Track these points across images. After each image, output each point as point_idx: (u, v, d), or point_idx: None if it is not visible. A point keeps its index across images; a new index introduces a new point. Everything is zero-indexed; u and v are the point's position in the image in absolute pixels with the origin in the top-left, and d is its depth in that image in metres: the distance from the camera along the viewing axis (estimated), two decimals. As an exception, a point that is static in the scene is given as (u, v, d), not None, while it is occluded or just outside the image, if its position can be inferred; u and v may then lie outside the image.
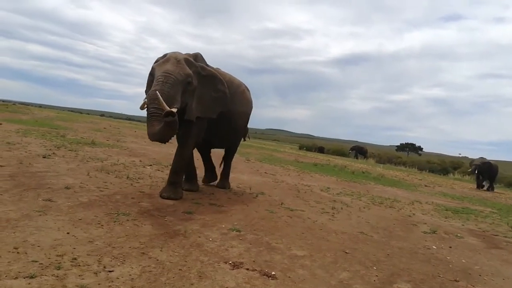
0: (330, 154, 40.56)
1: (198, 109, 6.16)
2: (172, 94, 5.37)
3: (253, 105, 8.09)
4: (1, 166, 6.21)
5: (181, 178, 6.32)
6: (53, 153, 8.46)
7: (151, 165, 9.13)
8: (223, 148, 8.12)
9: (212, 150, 8.14)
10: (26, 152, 8.02)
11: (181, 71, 5.64)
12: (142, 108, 5.49)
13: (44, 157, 7.71)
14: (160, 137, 5.27)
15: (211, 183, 8.07)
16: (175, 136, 5.77)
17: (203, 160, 8.12)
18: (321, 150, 44.20)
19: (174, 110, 5.19)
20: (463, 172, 32.27)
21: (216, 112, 6.51)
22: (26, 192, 4.93)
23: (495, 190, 20.46)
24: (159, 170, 8.57)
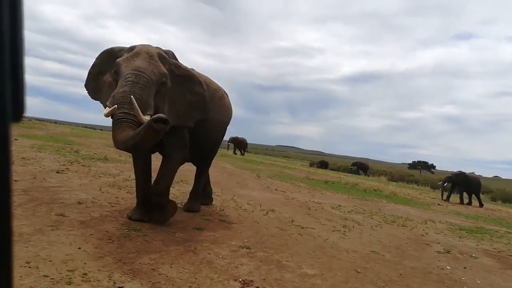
0: (335, 170, 40.32)
1: (171, 116, 4.92)
2: (144, 98, 4.43)
3: (264, 122, 7.83)
4: (15, 180, 6.32)
5: (168, 197, 5.44)
6: (67, 168, 8.57)
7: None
8: (194, 162, 6.90)
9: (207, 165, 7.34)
10: (40, 167, 8.14)
11: (155, 69, 4.67)
12: (107, 115, 4.38)
13: (58, 172, 7.81)
14: (134, 145, 4.21)
15: (206, 204, 7.13)
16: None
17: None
18: (324, 165, 43.89)
19: (147, 118, 4.30)
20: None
21: (194, 119, 5.40)
22: (39, 207, 4.99)
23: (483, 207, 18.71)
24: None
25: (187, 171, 7.05)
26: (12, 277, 0.58)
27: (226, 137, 7.75)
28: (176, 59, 5.47)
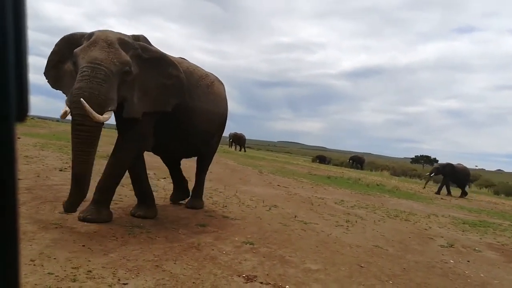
0: (338, 166, 40.60)
1: (145, 103, 4.77)
2: (104, 93, 4.08)
3: (266, 118, 7.58)
4: (19, 179, 6.33)
5: (110, 196, 4.92)
6: (70, 166, 8.59)
7: (165, 178, 9.18)
8: (188, 157, 6.71)
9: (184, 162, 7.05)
10: (43, 165, 8.17)
11: (115, 59, 4.23)
12: (63, 116, 4.15)
13: (61, 170, 7.83)
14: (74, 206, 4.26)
15: (181, 201, 6.75)
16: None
17: (170, 174, 6.96)
18: (322, 159, 44.33)
19: (107, 116, 4.13)
20: (480, 184, 31.62)
21: (171, 103, 5.00)
22: (43, 205, 5.01)
23: (466, 196, 18.50)
24: (172, 183, 8.61)
25: (189, 168, 7.03)
26: (19, 274, 0.59)
27: (225, 133, 7.35)
28: (149, 43, 5.10)
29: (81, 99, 3.88)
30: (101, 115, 4.04)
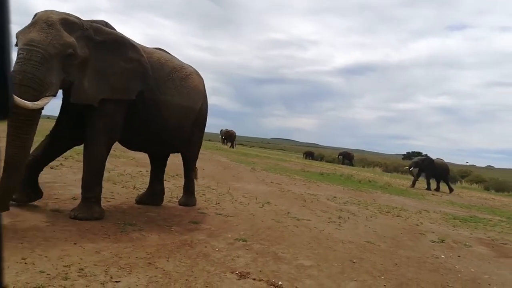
0: (330, 162, 41.38)
1: (102, 89, 4.49)
2: (39, 77, 3.77)
3: (259, 114, 7.30)
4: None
5: (97, 192, 4.75)
6: (61, 164, 8.51)
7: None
8: (163, 153, 6.33)
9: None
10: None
11: (54, 41, 3.90)
12: None
13: (52, 168, 7.75)
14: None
15: (147, 203, 5.96)
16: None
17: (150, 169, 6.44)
18: (311, 155, 45.25)
19: (42, 102, 3.80)
20: (471, 180, 31.97)
21: (133, 90, 4.74)
22: (34, 203, 4.96)
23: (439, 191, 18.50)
24: (165, 180, 8.58)
25: (181, 165, 7.00)
26: (3, 271, 0.58)
27: (216, 130, 7.15)
28: (112, 28, 4.82)
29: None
30: (37, 100, 3.75)
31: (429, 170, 18.67)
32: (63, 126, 4.91)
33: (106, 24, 4.81)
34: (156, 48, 5.73)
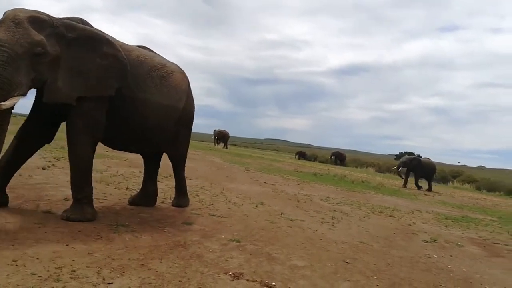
0: (323, 162, 41.77)
1: (77, 86, 4.40)
2: (7, 76, 3.71)
3: (252, 115, 7.18)
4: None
5: (88, 192, 4.70)
6: (53, 164, 8.45)
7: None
8: (146, 152, 6.21)
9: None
10: (25, 164, 7.99)
11: (22, 39, 3.84)
12: None
13: (44, 169, 7.70)
14: None
15: (140, 204, 5.92)
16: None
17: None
18: (302, 155, 45.67)
19: (10, 102, 3.79)
20: (462, 180, 32.24)
21: (111, 86, 4.63)
22: (25, 204, 4.92)
23: (432, 190, 18.64)
24: (158, 181, 8.54)
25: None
26: None
27: (210, 130, 7.07)
28: (88, 24, 4.72)
29: None
30: (5, 100, 3.72)
31: (417, 169, 18.89)
32: (34, 125, 4.80)
33: (82, 21, 4.70)
34: (138, 46, 5.63)
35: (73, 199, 4.64)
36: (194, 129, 6.72)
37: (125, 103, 4.92)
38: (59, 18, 4.45)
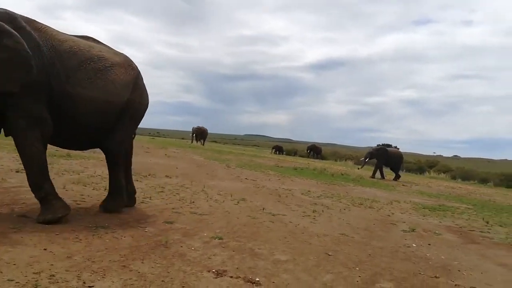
0: (300, 156, 42.62)
1: None
2: None
3: (232, 111, 6.92)
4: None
5: (47, 188, 4.55)
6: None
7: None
8: (86, 149, 6.03)
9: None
10: (-2, 167, 7.76)
11: None
12: None
13: (18, 172, 7.47)
14: None
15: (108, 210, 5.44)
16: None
17: None
18: (279, 149, 46.46)
19: None
20: (438, 170, 33.07)
21: (15, 81, 4.22)
22: (-1, 209, 4.77)
23: (399, 180, 19.00)
24: (137, 181, 8.43)
25: (154, 165, 6.91)
26: None
27: (189, 128, 6.86)
28: (19, 19, 4.42)
29: None
30: None
31: (382, 159, 19.28)
32: None
33: (8, 14, 4.39)
34: (81, 36, 5.32)
35: (39, 200, 4.53)
36: (173, 127, 6.63)
37: (56, 98, 4.62)
38: None
